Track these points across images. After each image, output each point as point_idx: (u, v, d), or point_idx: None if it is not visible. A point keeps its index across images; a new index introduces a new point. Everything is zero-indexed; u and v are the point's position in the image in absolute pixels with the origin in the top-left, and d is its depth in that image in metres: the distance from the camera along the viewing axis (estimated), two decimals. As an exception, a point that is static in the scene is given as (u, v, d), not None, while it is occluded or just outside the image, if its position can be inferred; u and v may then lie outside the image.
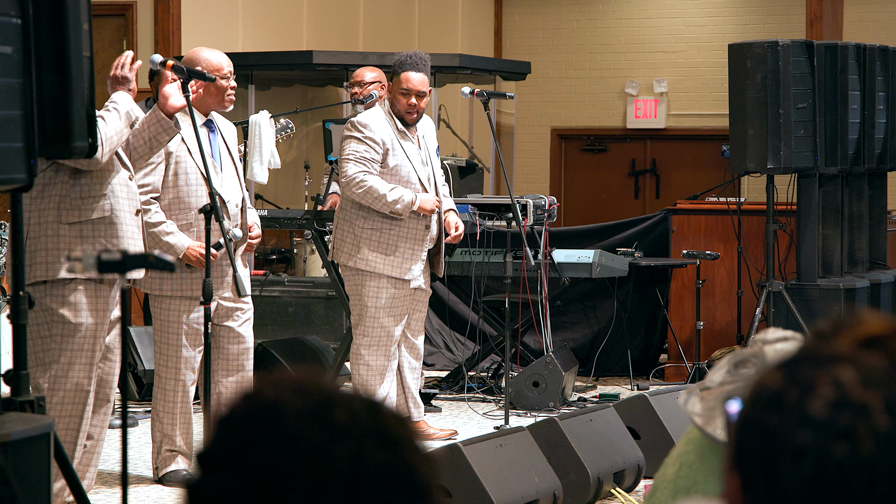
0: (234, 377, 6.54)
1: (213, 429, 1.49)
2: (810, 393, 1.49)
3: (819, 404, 1.48)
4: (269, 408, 1.47)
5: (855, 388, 1.49)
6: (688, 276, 9.77)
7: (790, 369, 1.53)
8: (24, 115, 4.29)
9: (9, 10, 4.22)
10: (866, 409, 1.47)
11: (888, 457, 1.46)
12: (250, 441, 1.46)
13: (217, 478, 1.46)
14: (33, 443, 4.17)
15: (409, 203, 7.19)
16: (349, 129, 7.30)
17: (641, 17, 15.03)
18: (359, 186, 7.19)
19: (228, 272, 6.45)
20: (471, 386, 9.03)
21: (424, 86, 7.36)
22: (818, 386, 1.49)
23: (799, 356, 1.54)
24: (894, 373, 1.51)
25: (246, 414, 1.48)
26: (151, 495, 6.37)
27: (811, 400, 1.48)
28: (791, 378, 1.51)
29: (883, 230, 9.92)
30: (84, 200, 5.58)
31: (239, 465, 1.45)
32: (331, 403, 1.48)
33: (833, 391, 1.48)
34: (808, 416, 1.48)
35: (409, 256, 7.29)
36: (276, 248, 11.81)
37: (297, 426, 1.45)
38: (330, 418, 1.46)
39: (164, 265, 3.82)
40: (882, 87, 9.44)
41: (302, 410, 1.46)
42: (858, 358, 1.52)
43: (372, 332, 7.29)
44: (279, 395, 1.48)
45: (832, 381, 1.49)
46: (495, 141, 8.58)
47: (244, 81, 11.01)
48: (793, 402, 1.49)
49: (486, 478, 5.55)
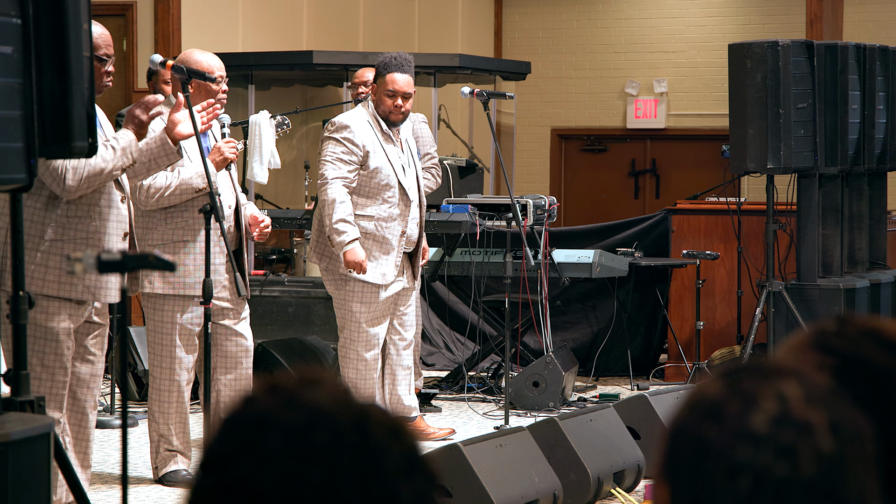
0: (231, 375, 6.54)
1: (214, 429, 1.49)
2: (752, 406, 1.42)
3: (761, 419, 1.41)
4: (255, 422, 1.46)
5: (799, 404, 1.42)
6: (688, 276, 9.77)
7: (732, 379, 1.45)
8: (24, 115, 4.28)
9: (9, 10, 4.22)
10: (809, 428, 1.41)
11: (829, 479, 1.40)
12: (231, 456, 1.45)
13: (206, 479, 1.46)
14: (33, 443, 4.17)
15: (342, 243, 7.06)
16: (329, 130, 7.24)
17: (641, 17, 15.03)
18: (324, 193, 7.11)
19: (221, 270, 6.45)
20: (471, 386, 9.03)
21: (410, 87, 7.32)
22: (761, 399, 1.42)
23: (743, 366, 1.47)
24: (838, 392, 1.45)
25: (236, 424, 1.47)
26: (151, 495, 6.37)
27: (753, 413, 1.41)
28: (733, 388, 1.44)
29: (883, 230, 9.92)
30: (69, 220, 5.50)
31: (220, 475, 1.45)
32: (316, 420, 1.45)
33: (776, 406, 1.42)
34: (748, 430, 1.41)
35: (383, 262, 7.23)
36: (276, 248, 11.81)
37: (275, 446, 1.43)
38: (310, 438, 1.43)
39: (164, 265, 3.82)
40: (882, 87, 9.44)
41: (285, 427, 1.44)
42: (804, 373, 1.46)
43: (356, 336, 7.26)
44: (268, 408, 1.46)
45: (776, 395, 1.42)
46: (495, 141, 8.58)
47: (244, 81, 11.01)
48: (733, 415, 1.42)
49: (486, 478, 5.55)
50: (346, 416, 1.46)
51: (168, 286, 6.38)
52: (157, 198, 6.30)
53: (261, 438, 1.44)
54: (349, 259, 7.07)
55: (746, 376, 1.45)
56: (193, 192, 6.33)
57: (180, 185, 6.31)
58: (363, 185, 7.21)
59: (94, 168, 5.41)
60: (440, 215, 8.60)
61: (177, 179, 6.31)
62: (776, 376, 1.45)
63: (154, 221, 6.41)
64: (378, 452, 1.45)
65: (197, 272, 6.32)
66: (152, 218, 6.41)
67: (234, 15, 12.05)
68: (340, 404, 1.48)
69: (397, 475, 1.45)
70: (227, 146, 6.44)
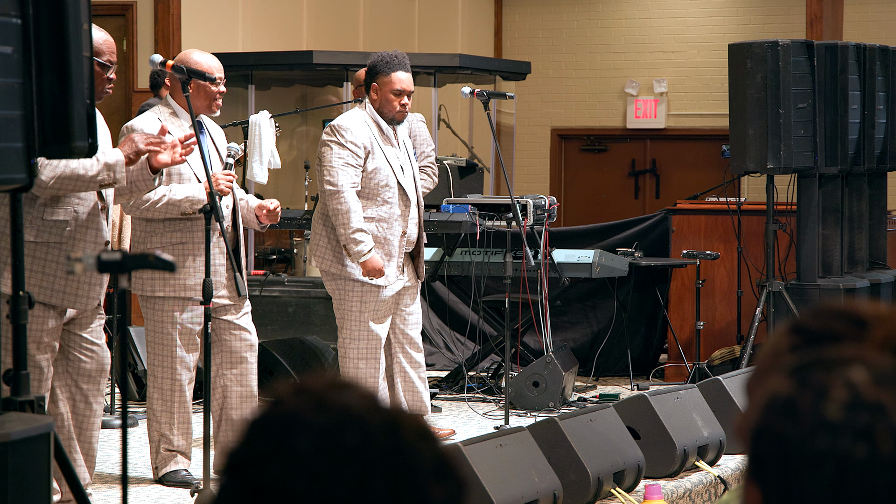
0: (236, 370, 6.54)
1: (242, 430, 1.49)
2: (824, 397, 1.47)
3: (834, 407, 1.46)
4: (285, 422, 1.46)
5: (868, 388, 1.47)
6: (688, 276, 9.77)
7: (800, 375, 1.50)
8: (24, 115, 4.28)
9: (9, 10, 4.22)
10: (882, 408, 1.45)
11: None
12: (261, 458, 1.45)
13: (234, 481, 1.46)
14: (33, 443, 4.17)
15: (360, 253, 7.04)
16: (329, 134, 7.20)
17: (641, 17, 15.03)
18: (337, 201, 7.09)
19: (221, 270, 6.45)
20: (471, 386, 9.03)
21: (412, 85, 7.34)
22: (831, 389, 1.47)
23: (809, 361, 1.52)
24: None
25: (265, 425, 1.47)
26: (151, 495, 6.37)
27: (825, 404, 1.46)
28: (802, 383, 1.49)
29: (883, 230, 9.92)
30: (45, 222, 5.49)
31: (249, 477, 1.45)
32: (346, 421, 1.45)
33: (846, 393, 1.46)
34: (823, 420, 1.45)
35: (385, 263, 7.22)
36: (276, 248, 11.81)
37: (306, 446, 1.44)
38: (340, 439, 1.44)
39: (164, 265, 3.82)
40: (882, 87, 9.45)
41: (315, 428, 1.44)
42: (868, 357, 1.50)
43: (358, 336, 7.25)
44: (298, 408, 1.46)
45: (844, 382, 1.47)
46: (495, 141, 8.58)
47: (244, 81, 11.01)
48: (807, 408, 1.47)
49: (486, 478, 5.55)
50: (376, 419, 1.47)
51: (169, 289, 6.38)
52: (142, 208, 6.30)
53: (291, 439, 1.44)
54: (369, 267, 7.07)
55: (813, 370, 1.50)
56: (179, 214, 6.32)
57: (168, 203, 6.29)
58: (363, 186, 7.20)
59: (72, 171, 5.42)
60: (440, 215, 8.59)
61: (167, 196, 6.29)
62: (842, 365, 1.49)
63: (154, 225, 6.40)
64: (409, 455, 1.46)
65: (197, 274, 6.32)
66: (151, 221, 6.41)
67: (234, 15, 12.05)
68: (370, 407, 1.48)
69: (428, 478, 1.46)
70: (224, 178, 6.38)
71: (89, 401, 5.86)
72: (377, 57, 7.31)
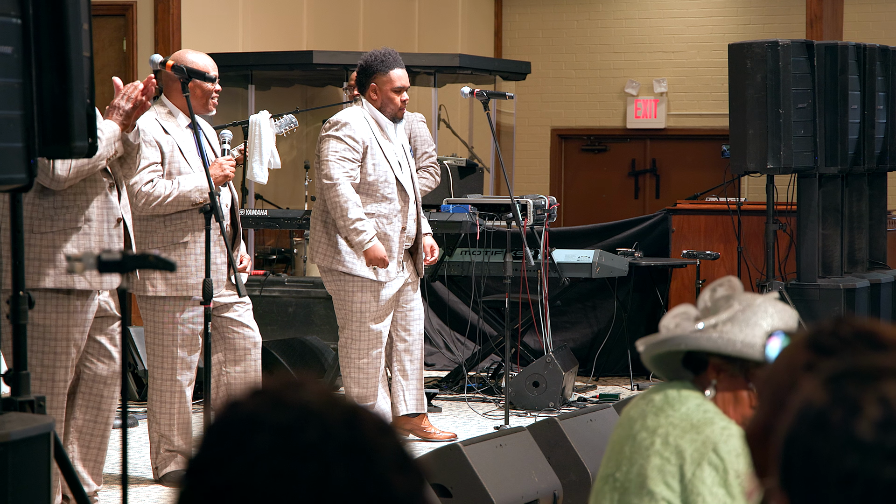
0: (240, 367, 6.55)
1: (201, 434, 1.49)
2: (856, 413, 1.43)
3: (866, 426, 1.42)
4: (244, 422, 1.45)
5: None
6: (688, 276, 9.77)
7: (835, 385, 1.47)
8: (24, 115, 4.29)
9: (9, 10, 4.22)
10: None
11: None
12: (221, 459, 1.44)
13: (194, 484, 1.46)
14: (33, 443, 4.17)
15: (362, 242, 7.06)
16: (327, 129, 7.23)
17: (641, 17, 15.03)
18: (333, 193, 7.10)
19: (222, 269, 6.45)
20: (471, 386, 9.03)
21: (408, 81, 7.40)
22: (864, 404, 1.43)
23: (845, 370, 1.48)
24: None
25: (224, 427, 1.46)
26: (151, 495, 6.37)
27: (857, 421, 1.42)
28: (835, 396, 1.45)
29: (883, 230, 9.92)
30: (56, 211, 5.48)
31: (209, 479, 1.44)
32: (304, 418, 1.44)
33: (880, 411, 1.43)
34: (854, 438, 1.42)
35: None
36: (276, 248, 11.81)
37: (265, 444, 1.43)
38: (300, 436, 1.43)
39: (165, 265, 3.82)
40: (882, 87, 9.45)
41: (275, 426, 1.44)
42: None
43: (359, 335, 7.25)
44: (256, 408, 1.46)
45: (878, 398, 1.43)
46: (495, 141, 8.58)
47: (244, 81, 11.01)
48: (838, 424, 1.43)
49: (486, 478, 5.55)
50: (335, 414, 1.46)
51: (170, 288, 6.39)
52: (154, 205, 6.31)
53: (250, 439, 1.44)
54: (372, 256, 7.08)
55: (848, 381, 1.46)
56: (190, 205, 6.33)
57: (178, 197, 6.31)
58: (362, 182, 7.21)
59: (81, 160, 5.41)
60: (440, 215, 8.60)
61: (176, 190, 6.31)
62: (878, 379, 1.46)
63: (153, 224, 6.41)
64: (370, 449, 1.45)
65: (198, 273, 6.32)
66: (151, 220, 6.41)
67: (234, 15, 12.05)
68: (328, 403, 1.47)
69: (389, 470, 1.45)
70: (227, 162, 6.44)
71: (102, 407, 5.84)
72: (370, 57, 7.34)
